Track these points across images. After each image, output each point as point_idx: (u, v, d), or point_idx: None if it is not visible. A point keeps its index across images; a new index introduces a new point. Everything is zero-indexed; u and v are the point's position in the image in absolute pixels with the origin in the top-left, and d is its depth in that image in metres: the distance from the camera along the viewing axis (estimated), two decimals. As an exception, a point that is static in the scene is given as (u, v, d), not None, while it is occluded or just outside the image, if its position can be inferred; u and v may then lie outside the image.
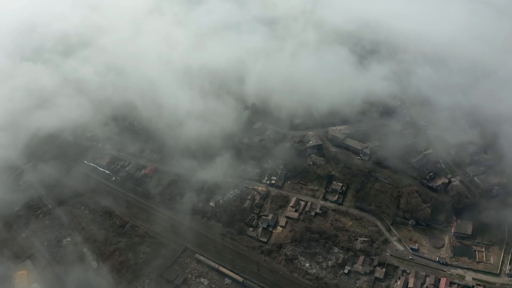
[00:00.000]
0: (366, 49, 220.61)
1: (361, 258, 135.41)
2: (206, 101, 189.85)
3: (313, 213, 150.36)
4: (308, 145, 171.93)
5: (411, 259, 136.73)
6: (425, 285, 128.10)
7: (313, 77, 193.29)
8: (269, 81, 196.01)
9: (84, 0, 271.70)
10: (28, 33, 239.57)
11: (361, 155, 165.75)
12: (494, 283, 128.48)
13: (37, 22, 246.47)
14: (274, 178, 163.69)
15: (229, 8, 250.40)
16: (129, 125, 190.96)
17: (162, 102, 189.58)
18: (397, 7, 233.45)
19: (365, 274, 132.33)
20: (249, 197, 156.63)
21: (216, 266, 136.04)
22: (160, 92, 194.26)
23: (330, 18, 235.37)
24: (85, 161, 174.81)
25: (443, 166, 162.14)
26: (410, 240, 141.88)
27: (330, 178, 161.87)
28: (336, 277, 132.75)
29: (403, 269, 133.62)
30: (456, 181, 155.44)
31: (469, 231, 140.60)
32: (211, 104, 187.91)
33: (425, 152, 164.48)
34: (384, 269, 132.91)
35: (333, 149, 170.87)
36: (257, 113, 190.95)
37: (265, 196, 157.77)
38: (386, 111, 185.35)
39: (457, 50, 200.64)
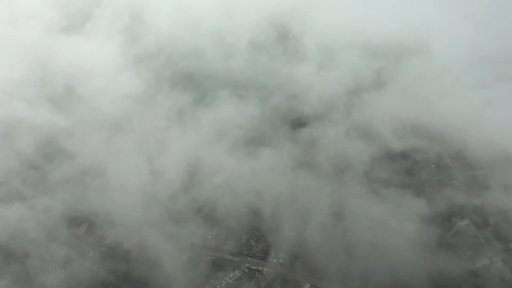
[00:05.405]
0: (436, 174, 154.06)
1: None
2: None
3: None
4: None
5: None
6: None
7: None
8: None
9: (48, 92, 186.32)
10: None
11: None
12: None
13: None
14: (282, 256, 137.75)
15: (242, 107, 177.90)
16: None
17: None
18: (473, 111, 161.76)
19: None
20: (252, 282, 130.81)
21: None
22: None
23: (376, 124, 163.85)
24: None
25: (483, 241, 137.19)
26: None
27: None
28: None
29: None
30: (498, 262, 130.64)
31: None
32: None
33: (460, 224, 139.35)
34: None
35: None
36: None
37: (272, 283, 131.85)
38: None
39: None
